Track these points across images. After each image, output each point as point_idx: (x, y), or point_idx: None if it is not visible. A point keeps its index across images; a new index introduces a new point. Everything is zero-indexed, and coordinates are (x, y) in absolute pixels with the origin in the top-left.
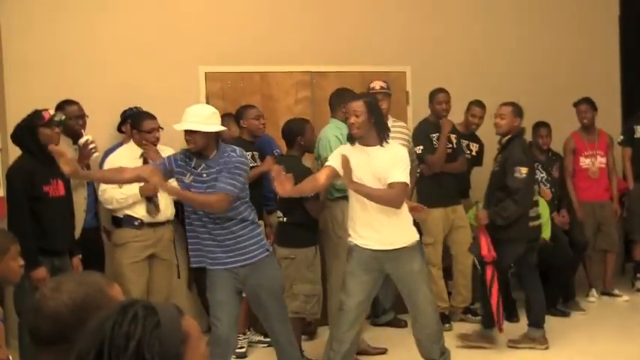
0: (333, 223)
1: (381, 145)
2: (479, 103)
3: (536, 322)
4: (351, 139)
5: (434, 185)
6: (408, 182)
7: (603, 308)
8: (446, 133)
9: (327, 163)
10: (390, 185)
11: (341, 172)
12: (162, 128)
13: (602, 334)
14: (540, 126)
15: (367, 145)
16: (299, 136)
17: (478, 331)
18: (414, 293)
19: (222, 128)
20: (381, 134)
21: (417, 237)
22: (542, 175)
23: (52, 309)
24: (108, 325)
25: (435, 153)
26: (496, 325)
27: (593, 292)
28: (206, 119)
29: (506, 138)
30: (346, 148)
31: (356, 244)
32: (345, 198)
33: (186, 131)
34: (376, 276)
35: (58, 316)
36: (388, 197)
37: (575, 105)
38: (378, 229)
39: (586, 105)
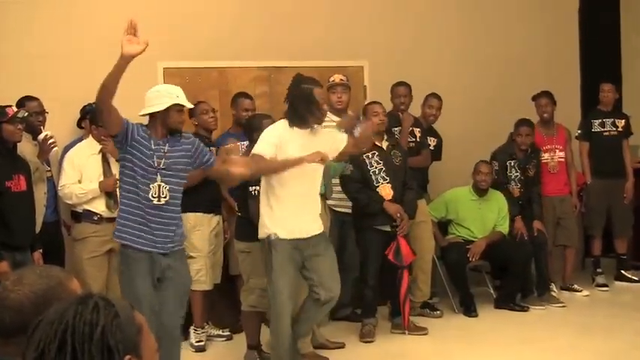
0: None
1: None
2: (435, 96)
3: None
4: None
5: None
6: None
7: (565, 302)
8: (406, 127)
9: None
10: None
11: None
12: None
13: (561, 330)
14: (522, 124)
15: (304, 127)
16: (256, 132)
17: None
18: (326, 268)
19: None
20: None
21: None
22: (516, 174)
23: (15, 301)
24: (69, 315)
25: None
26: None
27: (553, 287)
28: None
29: None
30: (285, 133)
31: (279, 238)
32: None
33: (178, 110)
34: (298, 267)
35: (21, 308)
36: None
37: (535, 99)
38: (302, 217)
39: (546, 99)
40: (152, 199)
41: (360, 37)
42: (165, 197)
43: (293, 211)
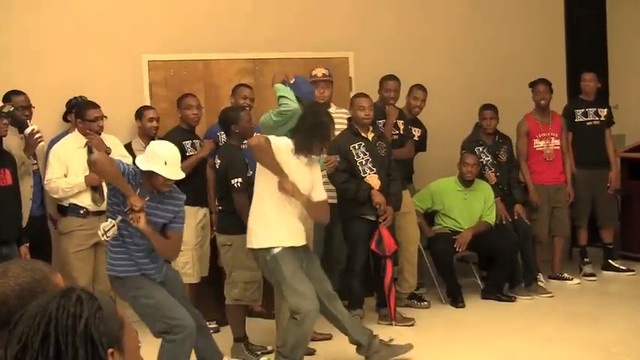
0: None
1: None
2: (420, 87)
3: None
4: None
5: None
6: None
7: (553, 292)
8: (391, 121)
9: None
10: (319, 202)
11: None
12: (106, 117)
13: (549, 319)
14: (485, 108)
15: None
16: (233, 125)
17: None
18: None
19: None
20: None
21: None
22: (487, 159)
23: (3, 296)
24: (52, 307)
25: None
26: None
27: (540, 277)
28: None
29: None
30: (288, 149)
31: (284, 247)
32: None
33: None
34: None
35: (5, 301)
36: (324, 213)
37: (532, 85)
38: (302, 224)
39: (544, 86)
40: (101, 233)
41: (345, 29)
42: (106, 236)
43: (293, 219)
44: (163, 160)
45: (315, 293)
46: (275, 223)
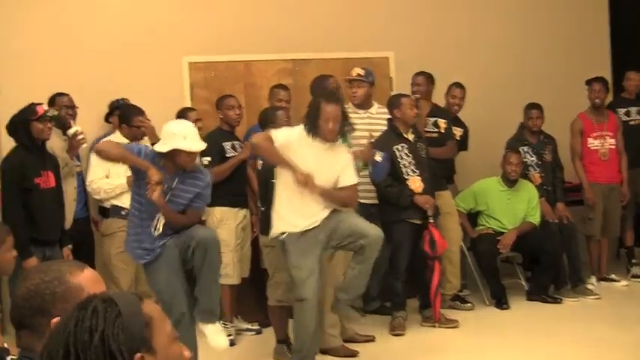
0: None
1: (334, 142)
2: (458, 85)
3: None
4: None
5: None
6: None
7: (600, 294)
8: (423, 115)
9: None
10: (347, 187)
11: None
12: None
13: (596, 322)
14: (531, 107)
15: (333, 140)
16: (271, 125)
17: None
18: (365, 228)
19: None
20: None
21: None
22: (532, 159)
23: (17, 297)
24: (71, 324)
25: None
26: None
27: (593, 279)
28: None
29: None
30: (303, 139)
31: (291, 233)
32: None
33: (188, 151)
34: (318, 253)
35: (16, 303)
36: (350, 199)
37: (588, 83)
38: (314, 212)
39: (599, 84)
40: (153, 230)
41: (385, 28)
42: (159, 230)
43: (306, 206)
44: (182, 135)
45: (316, 282)
46: (284, 211)
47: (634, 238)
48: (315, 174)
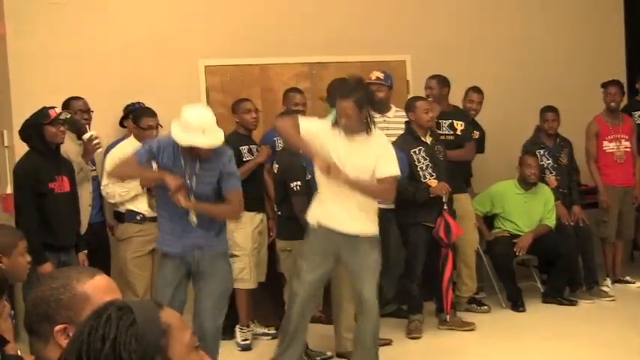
0: None
1: (367, 134)
2: (476, 89)
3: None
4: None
5: None
6: (399, 173)
7: (615, 296)
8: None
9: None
10: (382, 180)
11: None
12: (161, 126)
13: (611, 323)
14: (547, 110)
15: (353, 134)
16: None
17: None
18: (364, 286)
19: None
20: (367, 123)
21: (377, 231)
22: (548, 162)
23: (27, 303)
24: (85, 332)
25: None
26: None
27: (608, 281)
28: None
29: None
30: (329, 131)
31: (316, 223)
32: None
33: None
34: (330, 260)
35: (26, 310)
36: (384, 194)
37: (604, 86)
38: (347, 211)
39: (615, 87)
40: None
41: (402, 32)
42: (194, 222)
43: (331, 201)
44: (200, 129)
45: (314, 283)
46: (316, 202)
47: None
48: (344, 165)
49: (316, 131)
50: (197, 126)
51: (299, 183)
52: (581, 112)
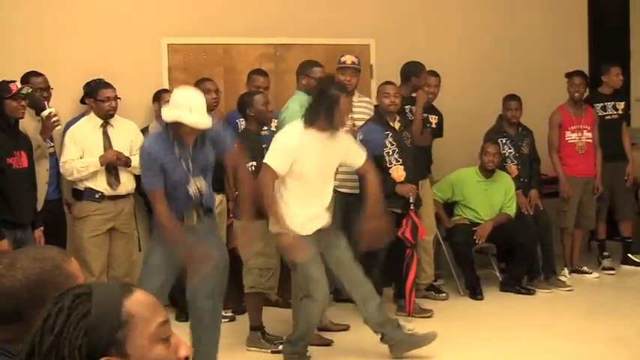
0: None
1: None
2: (433, 73)
3: None
4: (309, 123)
5: None
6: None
7: (572, 286)
8: (421, 105)
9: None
10: (365, 164)
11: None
12: (119, 98)
13: (568, 313)
14: (510, 99)
15: (321, 131)
16: (248, 108)
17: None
18: (344, 264)
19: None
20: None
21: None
22: (510, 151)
23: (7, 287)
24: (44, 316)
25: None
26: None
27: (566, 271)
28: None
29: None
30: (303, 137)
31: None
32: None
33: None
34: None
35: (12, 294)
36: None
37: (568, 76)
38: (320, 211)
39: (580, 78)
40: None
41: (366, 15)
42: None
43: (306, 207)
44: (187, 107)
45: (326, 282)
46: (293, 212)
47: (606, 232)
48: (321, 168)
49: (291, 158)
50: (185, 104)
51: (254, 164)
52: (544, 102)
